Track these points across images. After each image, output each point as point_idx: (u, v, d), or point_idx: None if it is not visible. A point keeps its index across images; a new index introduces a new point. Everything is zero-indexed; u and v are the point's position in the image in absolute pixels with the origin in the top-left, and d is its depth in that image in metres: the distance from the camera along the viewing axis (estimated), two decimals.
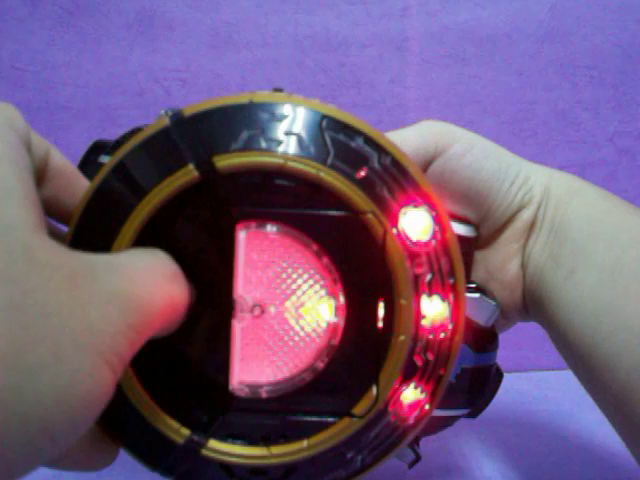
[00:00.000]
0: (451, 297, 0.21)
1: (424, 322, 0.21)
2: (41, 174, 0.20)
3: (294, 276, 0.22)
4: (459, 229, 0.29)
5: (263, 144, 0.20)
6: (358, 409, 0.22)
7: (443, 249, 0.21)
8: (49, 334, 0.15)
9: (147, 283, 0.18)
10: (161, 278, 0.19)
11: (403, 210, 0.21)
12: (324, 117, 0.21)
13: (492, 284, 0.30)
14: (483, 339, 0.28)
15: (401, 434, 0.22)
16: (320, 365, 0.22)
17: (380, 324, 0.22)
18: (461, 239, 0.28)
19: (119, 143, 0.29)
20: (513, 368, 0.32)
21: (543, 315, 0.29)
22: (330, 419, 0.22)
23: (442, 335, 0.21)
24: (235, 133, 0.20)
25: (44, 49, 0.54)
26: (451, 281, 0.21)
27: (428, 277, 0.21)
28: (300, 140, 0.20)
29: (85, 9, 0.54)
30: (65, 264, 0.16)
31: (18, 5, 0.54)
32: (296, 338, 0.22)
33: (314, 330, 0.22)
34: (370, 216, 0.21)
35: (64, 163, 0.21)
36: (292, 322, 0.22)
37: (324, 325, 0.22)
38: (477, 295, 0.28)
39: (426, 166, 0.29)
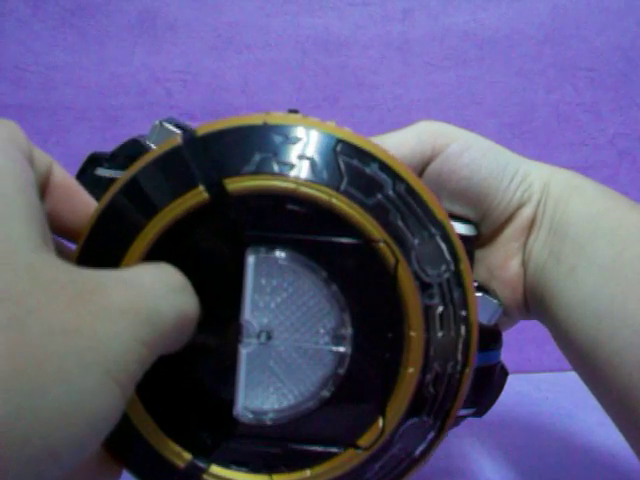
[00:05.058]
0: (463, 330, 0.21)
1: (434, 354, 0.21)
2: (43, 189, 0.20)
3: (301, 303, 0.21)
4: (459, 228, 0.29)
5: (275, 168, 0.20)
6: (364, 440, 0.21)
7: (456, 280, 0.21)
8: (53, 354, 0.14)
9: (156, 296, 0.17)
10: (170, 290, 0.18)
11: (416, 239, 0.20)
12: (339, 141, 0.20)
13: (493, 283, 0.30)
14: (487, 338, 0.28)
15: (407, 467, 0.21)
16: (326, 394, 0.22)
17: (389, 355, 0.21)
18: (461, 238, 0.28)
19: (115, 155, 0.29)
20: (513, 369, 0.32)
21: (545, 313, 0.29)
22: (334, 450, 0.21)
23: (452, 368, 0.21)
24: (247, 155, 0.20)
25: (46, 50, 0.54)
26: (463, 313, 0.21)
27: (440, 309, 0.21)
28: (313, 164, 0.20)
29: (87, 10, 0.55)
30: (70, 281, 0.15)
31: (20, 6, 0.54)
32: (302, 366, 0.22)
33: (321, 358, 0.22)
34: (382, 245, 0.20)
35: (66, 178, 0.21)
36: (298, 349, 0.22)
37: (331, 354, 0.22)
38: (480, 294, 0.27)
39: (424, 167, 0.29)
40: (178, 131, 0.28)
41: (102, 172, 0.29)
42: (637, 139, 0.59)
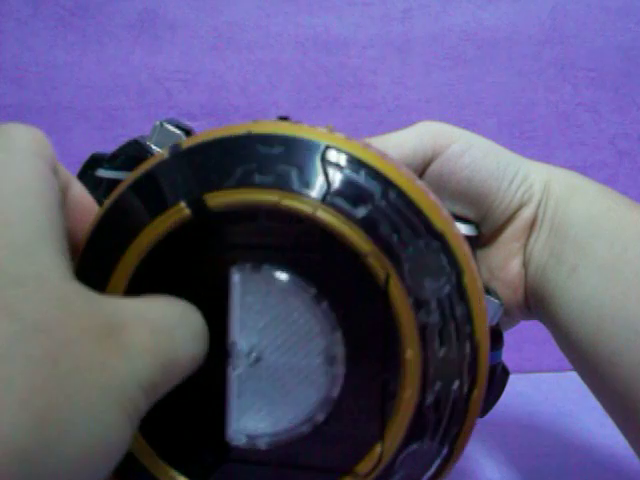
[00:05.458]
0: (467, 347, 0.19)
1: (434, 375, 0.19)
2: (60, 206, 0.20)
3: (291, 322, 0.20)
4: (460, 228, 0.29)
5: (257, 180, 0.19)
6: (362, 467, 0.20)
7: (459, 295, 0.19)
8: (82, 389, 0.14)
9: (177, 343, 0.17)
10: (190, 338, 0.18)
11: (410, 251, 0.19)
12: (327, 148, 0.19)
13: (494, 283, 0.30)
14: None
15: None
16: (320, 417, 0.21)
17: (385, 376, 0.20)
18: None
19: (116, 156, 0.29)
20: (513, 369, 0.32)
21: (545, 314, 0.29)
22: (331, 477, 0.20)
23: (457, 390, 0.19)
24: (230, 168, 0.19)
25: (46, 50, 0.54)
26: (467, 330, 0.19)
27: (439, 326, 0.19)
28: (298, 174, 0.19)
29: (87, 10, 0.55)
30: (99, 314, 0.15)
31: (21, 6, 0.54)
32: (295, 387, 0.21)
33: (314, 380, 0.20)
34: (371, 259, 0.19)
35: (83, 195, 0.21)
36: (290, 370, 0.20)
37: (324, 375, 0.20)
38: None
39: (425, 167, 0.29)
40: (179, 132, 0.28)
41: (103, 173, 0.29)
42: (637, 139, 0.59)
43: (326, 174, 0.19)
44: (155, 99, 0.56)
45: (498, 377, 0.30)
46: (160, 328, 0.17)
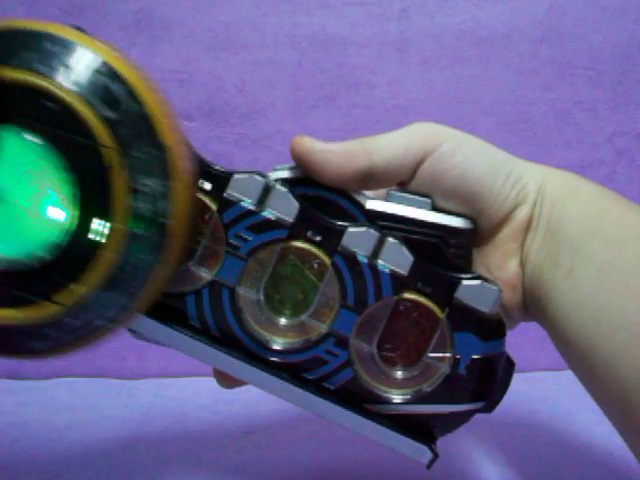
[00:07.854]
0: (161, 234, 0.24)
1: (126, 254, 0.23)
2: None
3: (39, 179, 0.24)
4: (454, 221, 0.28)
5: (36, 66, 0.23)
6: (62, 297, 0.23)
7: (167, 194, 0.23)
8: None
9: None
10: None
11: (137, 153, 0.23)
12: (104, 62, 0.24)
13: None
14: (490, 326, 0.28)
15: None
16: (46, 257, 0.23)
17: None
18: (457, 231, 0.28)
19: None
20: None
21: (543, 315, 0.29)
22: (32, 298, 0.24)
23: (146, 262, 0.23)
24: (19, 51, 0.23)
25: None
26: (168, 222, 0.24)
27: (147, 211, 0.23)
28: (71, 73, 0.23)
29: (83, 10, 0.54)
30: None
31: (16, 6, 0.54)
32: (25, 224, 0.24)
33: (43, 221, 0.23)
34: (107, 149, 0.23)
35: None
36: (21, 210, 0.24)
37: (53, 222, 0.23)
38: (478, 282, 0.27)
39: (416, 167, 0.29)
40: None
41: None
42: (635, 137, 0.59)
43: (92, 79, 0.23)
44: None
45: (503, 367, 0.29)
46: None
